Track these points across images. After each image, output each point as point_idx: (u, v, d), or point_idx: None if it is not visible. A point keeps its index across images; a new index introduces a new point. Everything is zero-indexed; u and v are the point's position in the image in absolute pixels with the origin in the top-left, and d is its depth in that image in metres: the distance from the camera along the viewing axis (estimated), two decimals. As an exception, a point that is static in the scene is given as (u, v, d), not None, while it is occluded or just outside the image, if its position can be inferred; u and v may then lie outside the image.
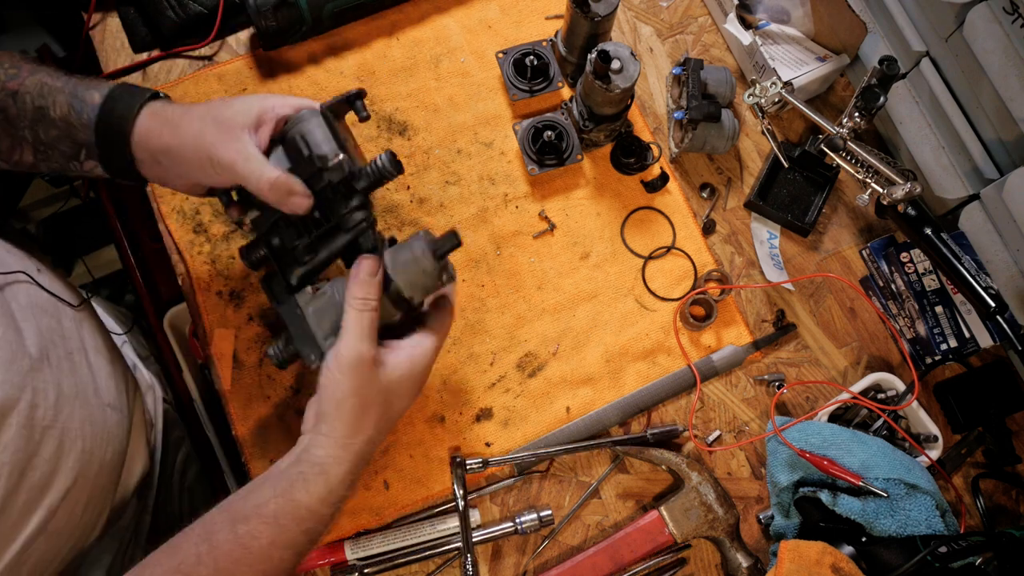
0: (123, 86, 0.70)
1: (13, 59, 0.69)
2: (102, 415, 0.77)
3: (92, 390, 0.77)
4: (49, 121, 0.68)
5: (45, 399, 0.67)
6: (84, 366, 0.78)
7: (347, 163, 0.68)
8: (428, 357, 0.69)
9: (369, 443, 0.67)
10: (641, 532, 0.82)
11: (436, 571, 0.83)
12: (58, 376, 0.70)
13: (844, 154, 0.88)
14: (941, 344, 0.90)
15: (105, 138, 0.68)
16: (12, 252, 0.77)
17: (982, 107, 0.86)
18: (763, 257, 0.95)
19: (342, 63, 0.98)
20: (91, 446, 0.73)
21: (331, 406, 0.65)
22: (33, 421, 0.65)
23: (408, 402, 0.70)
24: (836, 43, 0.96)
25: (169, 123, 0.68)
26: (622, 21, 1.04)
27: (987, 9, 0.80)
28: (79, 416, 0.72)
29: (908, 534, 0.76)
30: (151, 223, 0.93)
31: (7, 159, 0.71)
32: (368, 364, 0.65)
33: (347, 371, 0.64)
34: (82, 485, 0.72)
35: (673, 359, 0.92)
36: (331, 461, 0.65)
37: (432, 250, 0.67)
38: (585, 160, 0.97)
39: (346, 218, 0.69)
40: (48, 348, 0.71)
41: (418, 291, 0.69)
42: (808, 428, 0.85)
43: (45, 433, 0.66)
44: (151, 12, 0.95)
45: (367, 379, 0.65)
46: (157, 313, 1.29)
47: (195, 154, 0.67)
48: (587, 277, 0.93)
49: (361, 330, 0.65)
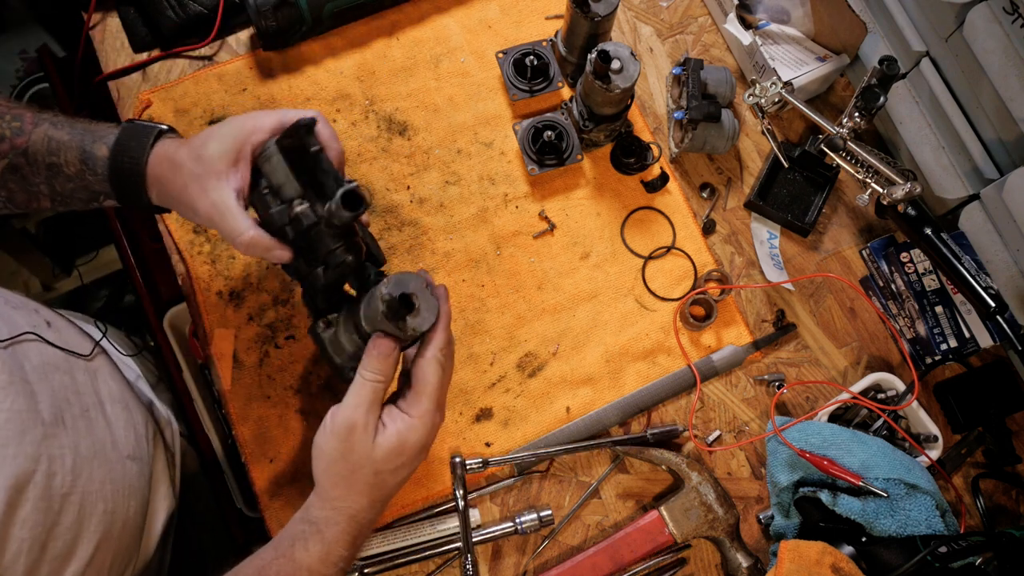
0: (128, 130, 0.70)
1: (12, 107, 0.69)
2: (122, 469, 0.76)
3: (110, 444, 0.76)
4: (64, 176, 0.69)
5: (62, 465, 0.65)
6: (101, 421, 0.77)
7: (311, 210, 0.66)
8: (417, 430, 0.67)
9: (363, 511, 0.66)
10: (641, 532, 0.82)
11: (436, 571, 0.83)
12: (75, 438, 0.69)
13: (844, 154, 0.88)
14: (941, 344, 0.90)
15: (120, 187, 0.70)
16: (19, 308, 0.76)
17: (982, 107, 0.86)
18: (763, 257, 0.95)
19: (342, 63, 0.98)
20: (113, 505, 0.72)
21: (321, 468, 0.66)
22: (51, 491, 0.63)
23: (406, 473, 0.68)
24: (836, 43, 0.96)
25: (174, 166, 0.69)
26: (622, 21, 1.04)
27: (987, 9, 0.80)
28: (99, 476, 0.71)
29: (908, 534, 0.76)
30: (151, 223, 0.93)
31: (24, 207, 0.72)
32: (359, 432, 0.65)
33: (339, 435, 0.65)
34: (106, 547, 0.71)
35: (673, 359, 0.92)
36: (325, 522, 0.65)
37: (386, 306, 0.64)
38: (585, 160, 0.97)
39: (330, 257, 0.68)
40: (63, 409, 0.70)
41: (369, 323, 0.67)
42: (808, 428, 0.85)
43: (65, 501, 0.65)
44: (151, 12, 0.95)
45: (355, 447, 0.65)
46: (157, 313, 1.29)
47: (190, 206, 0.68)
48: (587, 277, 0.93)
49: (360, 398, 0.65)
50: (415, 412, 0.67)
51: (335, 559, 0.65)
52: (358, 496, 0.66)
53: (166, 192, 0.70)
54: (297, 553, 0.64)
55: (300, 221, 0.67)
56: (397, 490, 0.70)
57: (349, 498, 0.66)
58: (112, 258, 1.86)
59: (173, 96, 0.94)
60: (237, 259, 0.90)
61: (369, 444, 0.65)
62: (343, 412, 0.65)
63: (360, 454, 0.65)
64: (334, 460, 0.65)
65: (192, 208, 0.68)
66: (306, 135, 0.67)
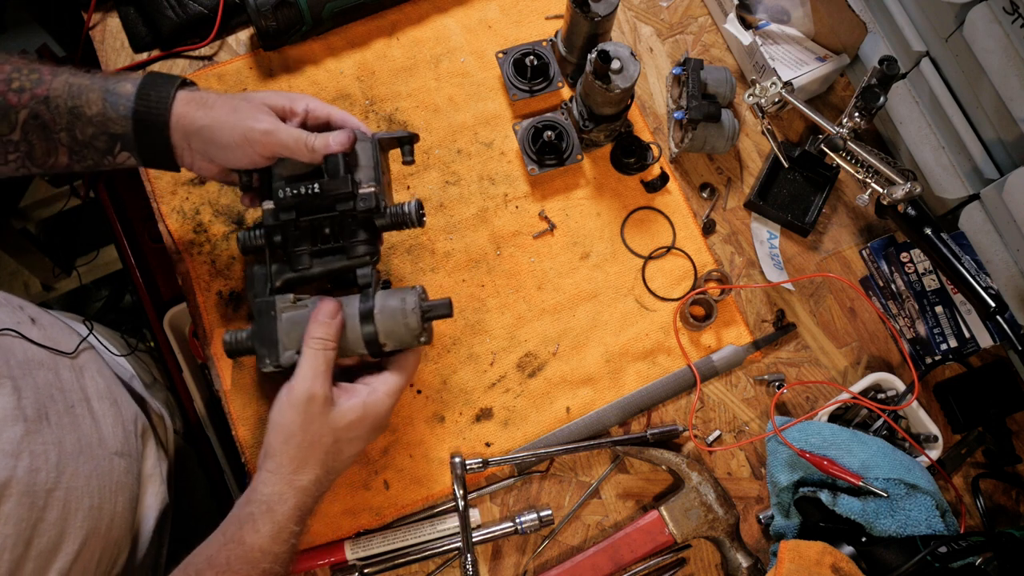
0: (153, 74, 0.71)
1: (29, 63, 0.69)
2: (109, 465, 0.76)
3: (97, 441, 0.76)
4: (85, 120, 0.68)
5: (46, 461, 0.65)
6: (87, 417, 0.76)
7: (377, 197, 0.71)
8: (383, 404, 0.69)
9: (316, 483, 0.67)
10: (641, 532, 0.82)
11: (436, 571, 0.83)
12: (59, 434, 0.69)
13: (844, 154, 0.88)
14: (941, 344, 0.90)
15: (143, 126, 0.69)
16: (3, 306, 0.76)
17: (982, 107, 0.86)
18: (763, 257, 0.95)
19: (342, 63, 0.98)
20: (100, 501, 0.72)
21: (278, 441, 0.66)
22: (35, 487, 0.63)
23: (361, 445, 0.70)
24: (836, 43, 0.96)
25: (204, 104, 0.70)
26: (622, 21, 1.04)
27: (987, 9, 0.80)
28: (84, 472, 0.70)
29: (908, 534, 0.76)
30: (151, 223, 0.93)
31: (41, 164, 0.71)
32: (319, 403, 0.66)
33: (297, 407, 0.65)
34: (94, 542, 0.70)
35: (673, 359, 0.92)
36: (276, 498, 0.65)
37: (422, 310, 0.70)
38: (585, 160, 0.97)
39: (353, 246, 0.71)
40: (47, 405, 0.70)
41: (393, 340, 0.71)
42: (808, 428, 0.85)
43: (49, 497, 0.64)
44: (151, 12, 0.95)
45: (316, 417, 0.66)
46: (157, 313, 1.29)
47: (230, 131, 0.69)
48: (587, 277, 0.93)
49: (315, 369, 0.66)
50: (383, 388, 0.68)
51: (286, 535, 0.65)
52: (313, 467, 0.66)
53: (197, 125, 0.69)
54: (246, 536, 0.64)
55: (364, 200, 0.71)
56: (349, 464, 0.70)
57: (304, 470, 0.66)
58: (112, 258, 1.87)
59: (173, 96, 0.94)
60: (237, 259, 0.90)
61: (329, 413, 0.66)
62: (300, 384, 0.66)
63: (320, 423, 0.66)
64: (293, 433, 0.66)
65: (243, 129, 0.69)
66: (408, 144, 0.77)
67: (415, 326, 0.69)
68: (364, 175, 0.73)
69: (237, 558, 0.63)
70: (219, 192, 0.92)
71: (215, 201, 0.91)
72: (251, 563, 0.63)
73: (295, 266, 0.73)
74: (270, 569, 0.64)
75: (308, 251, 0.73)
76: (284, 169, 0.74)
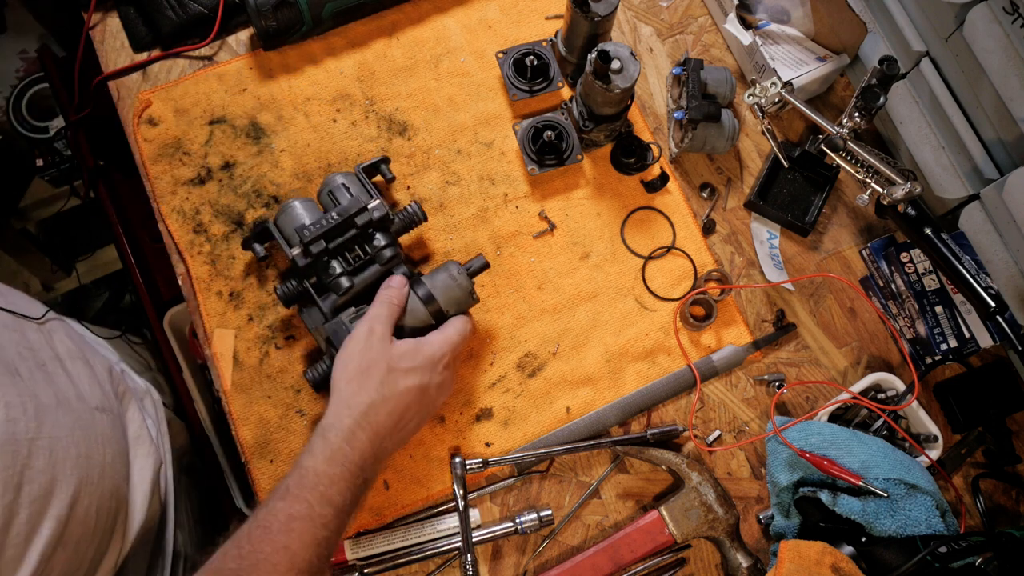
0: None
1: None
2: (91, 419, 0.77)
3: (75, 396, 0.76)
4: None
5: (24, 412, 0.66)
6: (61, 374, 0.77)
7: (385, 205, 0.82)
8: (435, 345, 0.76)
9: (372, 408, 0.70)
10: (641, 532, 0.82)
11: (436, 571, 0.83)
12: (32, 387, 0.70)
13: (844, 154, 0.88)
14: (941, 344, 0.90)
15: None
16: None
17: (982, 107, 0.86)
18: (763, 257, 0.95)
19: (342, 63, 0.98)
20: (87, 450, 0.73)
21: (339, 370, 0.72)
22: (15, 436, 0.64)
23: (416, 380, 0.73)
24: (836, 43, 0.96)
25: None
26: (622, 21, 1.04)
27: (987, 9, 0.80)
28: (66, 423, 0.71)
29: (908, 534, 0.76)
30: (151, 223, 0.93)
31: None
32: (377, 336, 0.73)
33: (357, 339, 0.73)
34: (88, 490, 0.71)
35: (673, 359, 0.92)
36: (332, 421, 0.69)
37: (466, 269, 0.82)
38: (585, 160, 0.97)
39: (380, 253, 0.82)
40: (16, 362, 0.71)
41: (453, 305, 0.81)
42: (808, 428, 0.85)
43: (32, 445, 0.65)
44: (151, 12, 0.95)
45: (373, 346, 0.72)
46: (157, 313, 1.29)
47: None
48: (587, 277, 0.93)
49: (378, 315, 0.75)
50: (436, 335, 0.77)
51: (342, 458, 0.67)
52: (368, 391, 0.71)
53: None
54: (304, 459, 0.67)
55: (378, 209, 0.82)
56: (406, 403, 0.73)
57: (361, 393, 0.70)
58: (112, 258, 1.87)
59: (173, 96, 0.94)
60: (237, 259, 0.90)
61: (385, 343, 0.72)
62: (362, 324, 0.74)
63: (376, 350, 0.72)
64: (352, 358, 0.72)
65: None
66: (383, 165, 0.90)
67: (467, 285, 0.81)
68: (364, 198, 0.83)
69: (295, 483, 0.65)
70: (219, 192, 0.92)
71: (215, 201, 0.92)
72: (307, 487, 0.65)
73: (338, 291, 0.80)
74: (325, 494, 0.65)
75: (344, 272, 0.80)
76: (287, 224, 0.83)
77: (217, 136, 0.94)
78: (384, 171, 0.89)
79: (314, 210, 0.84)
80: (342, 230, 0.80)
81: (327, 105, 0.96)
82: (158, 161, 0.92)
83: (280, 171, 0.93)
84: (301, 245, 0.80)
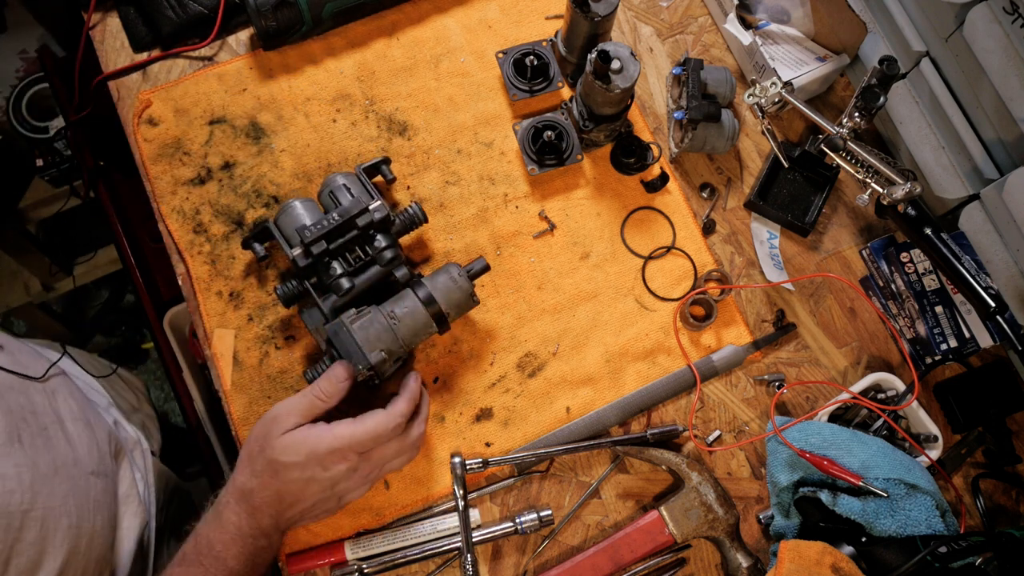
0: None
1: None
2: (85, 484, 0.77)
3: (72, 461, 0.77)
4: None
5: (20, 483, 0.66)
6: (61, 438, 0.77)
7: (385, 206, 0.82)
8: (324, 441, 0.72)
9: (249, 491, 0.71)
10: (641, 532, 0.82)
11: (436, 571, 0.83)
12: (33, 456, 0.70)
13: (844, 154, 0.88)
14: (941, 344, 0.90)
15: None
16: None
17: (982, 107, 0.86)
18: (763, 257, 0.95)
19: (342, 63, 0.98)
20: (78, 520, 0.73)
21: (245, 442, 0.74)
22: (10, 508, 0.64)
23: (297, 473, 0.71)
24: (836, 43, 0.96)
25: None
26: (622, 21, 1.04)
27: (987, 9, 0.80)
28: (61, 492, 0.72)
29: (908, 534, 0.76)
30: (151, 223, 0.93)
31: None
32: (279, 422, 0.72)
33: (264, 420, 0.74)
34: (75, 561, 0.72)
35: (673, 359, 0.92)
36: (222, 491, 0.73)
37: (467, 271, 0.82)
38: (585, 160, 0.97)
39: (381, 254, 0.82)
40: (19, 428, 0.71)
41: (454, 308, 0.80)
42: (808, 428, 0.85)
43: (25, 517, 0.65)
44: (151, 12, 0.95)
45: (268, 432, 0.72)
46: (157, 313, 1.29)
47: None
48: (587, 277, 0.93)
49: (295, 405, 0.73)
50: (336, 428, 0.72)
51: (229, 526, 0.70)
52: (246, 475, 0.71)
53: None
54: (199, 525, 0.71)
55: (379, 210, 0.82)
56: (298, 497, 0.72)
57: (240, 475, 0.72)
58: (112, 258, 1.87)
59: (173, 96, 0.95)
60: (237, 259, 0.90)
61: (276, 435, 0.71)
62: (277, 406, 0.73)
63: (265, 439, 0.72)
64: (250, 438, 0.73)
65: None
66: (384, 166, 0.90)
67: (468, 287, 0.80)
68: (365, 199, 0.83)
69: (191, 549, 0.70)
70: (219, 192, 0.92)
71: (215, 201, 0.92)
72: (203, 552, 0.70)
73: (339, 292, 0.80)
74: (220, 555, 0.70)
75: (345, 273, 0.80)
76: (287, 224, 0.83)
77: (217, 136, 0.94)
78: (385, 172, 0.89)
79: (315, 210, 0.84)
80: (343, 231, 0.80)
81: (327, 105, 0.96)
82: (158, 161, 0.92)
83: (280, 171, 0.93)
84: (302, 245, 0.80)
